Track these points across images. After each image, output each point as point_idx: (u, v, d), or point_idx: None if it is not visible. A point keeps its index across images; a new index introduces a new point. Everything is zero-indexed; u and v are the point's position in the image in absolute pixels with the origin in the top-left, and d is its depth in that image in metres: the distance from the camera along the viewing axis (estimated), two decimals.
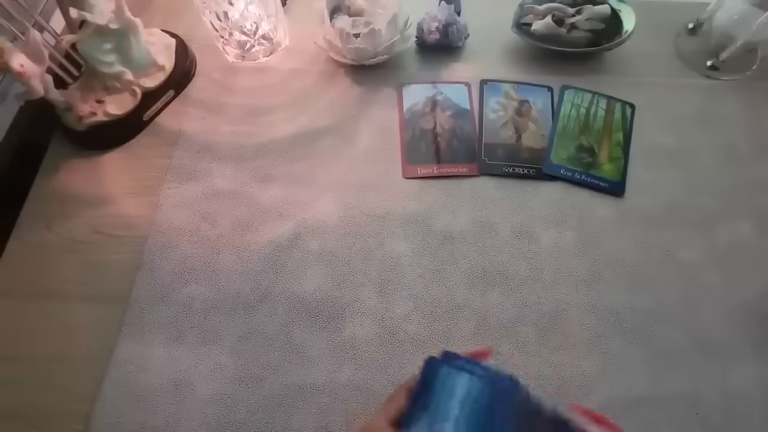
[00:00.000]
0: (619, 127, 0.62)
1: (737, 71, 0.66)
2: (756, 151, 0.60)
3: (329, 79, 0.66)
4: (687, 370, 0.48)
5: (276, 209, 0.57)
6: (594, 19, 0.64)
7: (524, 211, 0.56)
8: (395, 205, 0.57)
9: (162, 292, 0.52)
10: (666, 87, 0.65)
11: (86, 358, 0.48)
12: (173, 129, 0.62)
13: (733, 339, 0.49)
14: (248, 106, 0.64)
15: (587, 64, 0.67)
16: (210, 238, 0.55)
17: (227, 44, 0.65)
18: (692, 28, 0.69)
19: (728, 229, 0.55)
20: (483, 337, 0.49)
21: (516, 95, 0.64)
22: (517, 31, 0.65)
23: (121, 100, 0.59)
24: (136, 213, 0.56)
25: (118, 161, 0.60)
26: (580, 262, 0.53)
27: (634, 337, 0.49)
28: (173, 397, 0.47)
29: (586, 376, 0.48)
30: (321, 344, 0.49)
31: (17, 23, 0.53)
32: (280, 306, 0.51)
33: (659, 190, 0.58)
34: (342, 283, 0.52)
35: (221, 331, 0.50)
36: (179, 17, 0.70)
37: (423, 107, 0.63)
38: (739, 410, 0.46)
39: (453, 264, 0.53)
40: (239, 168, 0.59)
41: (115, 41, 0.57)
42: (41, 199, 0.57)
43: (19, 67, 0.49)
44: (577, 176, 0.58)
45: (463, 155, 0.60)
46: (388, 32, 0.62)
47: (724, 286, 0.52)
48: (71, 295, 0.52)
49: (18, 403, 0.47)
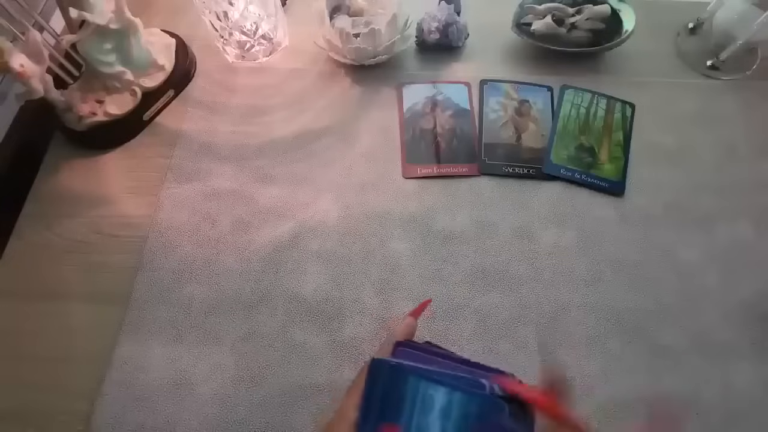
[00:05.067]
0: (619, 126, 0.62)
1: (737, 71, 0.66)
2: (756, 151, 0.60)
3: (329, 79, 0.66)
4: (687, 369, 0.48)
5: (276, 209, 0.57)
6: (594, 19, 0.64)
7: (524, 211, 0.56)
8: (395, 205, 0.57)
9: (162, 292, 0.52)
10: (666, 87, 0.65)
11: (86, 358, 0.49)
12: (173, 129, 0.62)
13: (733, 339, 0.49)
14: (248, 106, 0.64)
15: (587, 63, 0.67)
16: (210, 238, 0.55)
17: (227, 44, 0.65)
18: (692, 27, 0.69)
19: (728, 229, 0.55)
20: (483, 337, 0.50)
21: (516, 95, 0.64)
22: (517, 30, 0.65)
23: (121, 100, 0.59)
24: (136, 213, 0.56)
25: (118, 161, 0.60)
26: (580, 262, 0.53)
27: (634, 337, 0.50)
28: (173, 397, 0.47)
29: (586, 376, 0.48)
30: (321, 344, 0.49)
31: (17, 23, 0.53)
32: (280, 306, 0.51)
33: (659, 189, 0.58)
34: (342, 283, 0.52)
35: (221, 331, 0.50)
36: (179, 17, 0.70)
37: (423, 107, 0.63)
38: (739, 410, 0.46)
39: (453, 264, 0.53)
40: (239, 168, 0.59)
41: (115, 41, 0.57)
42: (41, 199, 0.57)
43: (19, 67, 0.49)
44: (577, 176, 0.58)
45: (463, 155, 0.60)
46: (388, 32, 0.62)
47: (724, 285, 0.52)
48: (71, 295, 0.52)
49: (18, 403, 0.47)
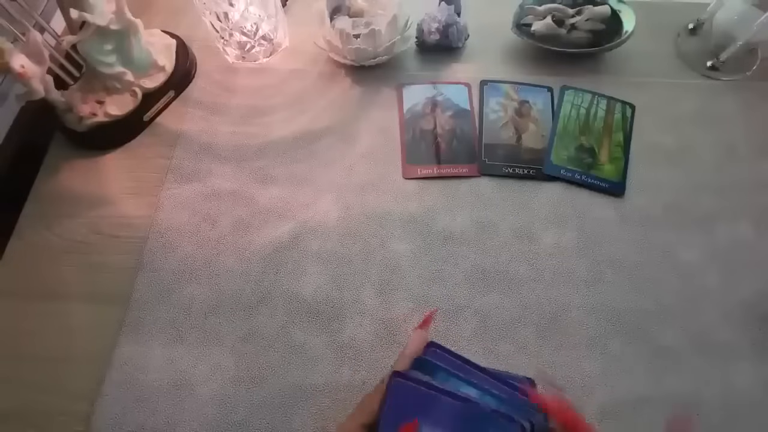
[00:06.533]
0: (619, 127, 0.62)
1: (737, 72, 0.66)
2: (756, 151, 0.60)
3: (329, 79, 0.66)
4: (687, 370, 0.48)
5: (276, 210, 0.57)
6: (594, 20, 0.64)
7: (524, 212, 0.56)
8: (395, 206, 0.57)
9: (162, 293, 0.52)
10: (666, 87, 0.65)
11: (86, 358, 0.48)
12: (173, 129, 0.62)
13: (733, 339, 0.49)
14: (248, 106, 0.64)
15: (587, 64, 0.67)
16: (210, 238, 0.55)
17: (227, 45, 0.65)
18: (692, 28, 0.69)
19: (728, 230, 0.55)
20: (483, 337, 0.49)
21: (516, 96, 0.64)
22: (517, 31, 0.66)
23: (121, 101, 0.59)
24: (136, 213, 0.56)
25: (118, 162, 0.60)
26: (580, 262, 0.53)
27: (635, 338, 0.49)
28: (173, 397, 0.47)
29: (586, 377, 0.48)
30: (321, 345, 0.49)
31: (18, 24, 0.54)
32: (281, 306, 0.51)
33: (659, 190, 0.58)
34: (342, 283, 0.52)
35: (221, 331, 0.50)
36: (179, 18, 0.70)
37: (423, 108, 0.63)
38: (740, 411, 0.46)
39: (453, 264, 0.53)
40: (239, 168, 0.59)
41: (115, 42, 0.57)
42: (42, 199, 0.57)
43: (19, 67, 0.49)
44: (577, 177, 0.58)
45: (464, 156, 0.60)
46: (388, 33, 0.62)
47: (724, 286, 0.52)
48: (71, 296, 0.52)
49: (18, 403, 0.47)
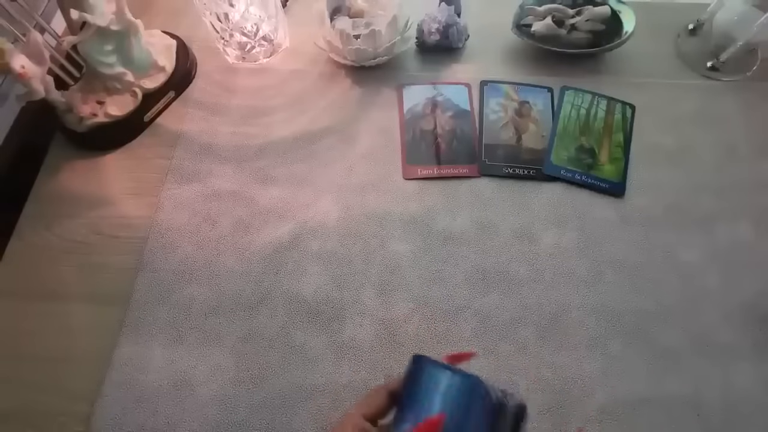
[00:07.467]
0: (619, 127, 0.62)
1: (737, 72, 0.66)
2: (756, 151, 0.60)
3: (329, 80, 0.66)
4: (688, 371, 0.48)
5: (276, 210, 0.57)
6: (594, 20, 0.64)
7: (524, 212, 0.56)
8: (395, 206, 0.57)
9: (162, 293, 0.52)
10: (666, 88, 0.65)
11: (86, 358, 0.49)
12: (174, 130, 0.62)
13: (733, 339, 0.49)
14: (249, 107, 0.64)
15: (587, 65, 0.67)
16: (210, 238, 0.55)
17: (228, 45, 0.65)
18: (692, 29, 0.69)
19: (728, 230, 0.55)
20: (483, 338, 0.49)
21: (516, 96, 0.64)
22: (517, 32, 0.66)
23: (121, 101, 0.59)
24: (136, 214, 0.56)
25: (118, 162, 0.60)
26: (580, 263, 0.53)
27: (635, 338, 0.49)
28: (173, 398, 0.47)
29: (586, 377, 0.48)
30: (321, 345, 0.49)
31: (18, 25, 0.54)
32: (281, 307, 0.51)
33: (659, 190, 0.58)
34: (342, 284, 0.52)
35: (221, 331, 0.50)
36: (180, 18, 0.70)
37: (423, 108, 0.63)
38: (741, 411, 0.46)
39: (453, 265, 0.53)
40: (240, 169, 0.59)
41: (115, 42, 0.57)
42: (42, 199, 0.58)
43: (20, 68, 0.49)
44: (577, 177, 0.58)
45: (464, 156, 0.60)
46: (389, 33, 0.62)
47: (725, 286, 0.52)
48: (72, 296, 0.52)
49: (18, 403, 0.47)
